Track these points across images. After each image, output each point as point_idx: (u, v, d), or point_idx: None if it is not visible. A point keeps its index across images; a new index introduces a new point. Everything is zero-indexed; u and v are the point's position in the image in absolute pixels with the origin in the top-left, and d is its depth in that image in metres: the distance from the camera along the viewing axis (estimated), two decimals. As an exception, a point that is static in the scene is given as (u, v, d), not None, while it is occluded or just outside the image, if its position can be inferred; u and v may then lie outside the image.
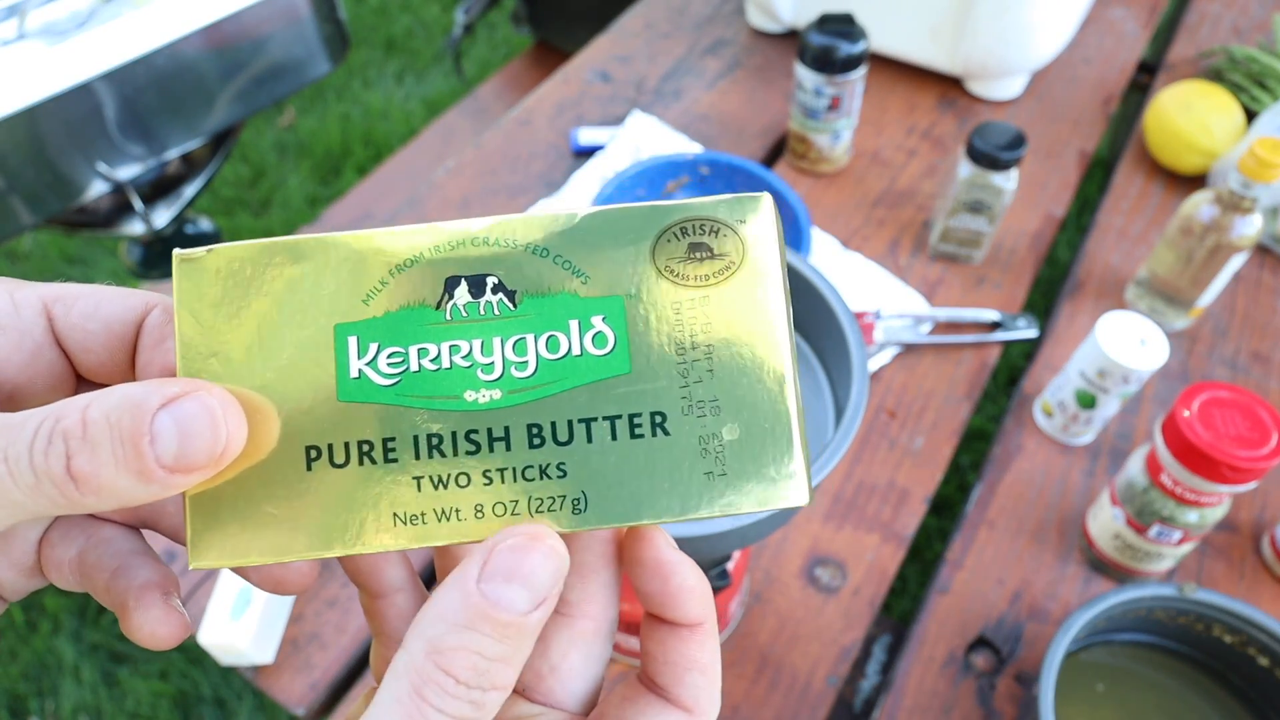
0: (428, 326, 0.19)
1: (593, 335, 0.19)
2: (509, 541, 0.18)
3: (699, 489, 0.19)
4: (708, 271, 0.19)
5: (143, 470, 0.16)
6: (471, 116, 1.41)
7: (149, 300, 0.21)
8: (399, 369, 0.19)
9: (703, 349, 0.19)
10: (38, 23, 0.99)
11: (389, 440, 0.19)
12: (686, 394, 0.19)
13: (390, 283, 0.19)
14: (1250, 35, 1.03)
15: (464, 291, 0.19)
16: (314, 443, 0.19)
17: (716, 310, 0.19)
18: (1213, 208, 0.68)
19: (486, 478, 0.19)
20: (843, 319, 0.43)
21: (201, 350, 0.19)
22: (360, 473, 0.19)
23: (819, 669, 0.59)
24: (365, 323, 0.19)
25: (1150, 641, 0.58)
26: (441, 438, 0.19)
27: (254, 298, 0.19)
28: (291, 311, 0.19)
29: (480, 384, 0.19)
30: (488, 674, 0.17)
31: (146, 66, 1.01)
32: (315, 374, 0.19)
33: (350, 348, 0.19)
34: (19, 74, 0.94)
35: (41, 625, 1.28)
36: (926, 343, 0.75)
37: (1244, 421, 0.53)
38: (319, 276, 0.19)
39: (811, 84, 0.80)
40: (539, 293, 0.19)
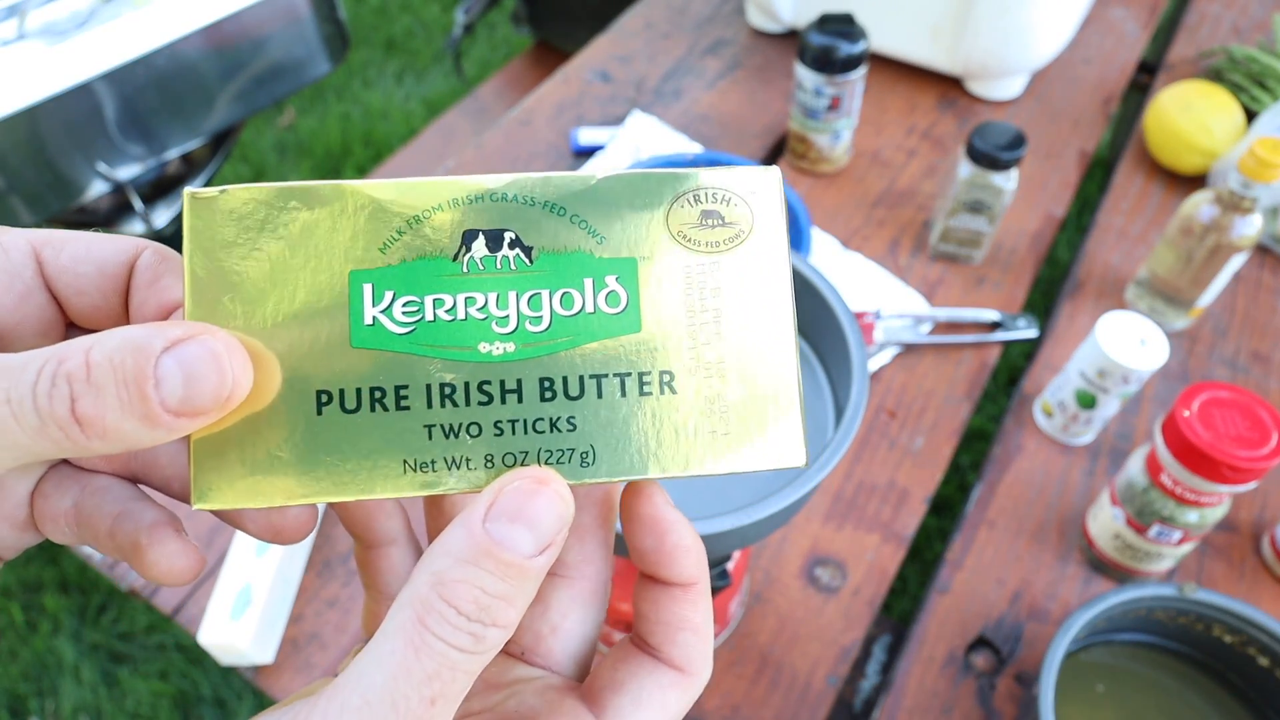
0: (444, 278, 0.19)
1: (606, 294, 0.19)
2: (515, 484, 0.18)
3: (703, 447, 0.19)
4: (719, 238, 0.20)
5: (147, 414, 0.16)
6: (471, 116, 1.41)
7: (139, 243, 0.21)
8: (414, 318, 0.19)
9: (711, 312, 0.20)
10: (38, 23, 0.99)
11: (401, 388, 0.19)
12: (694, 354, 0.19)
13: (408, 233, 0.19)
14: (1250, 35, 1.03)
15: (481, 245, 0.19)
16: (325, 387, 0.19)
17: (725, 276, 0.20)
18: (1213, 208, 0.68)
19: (498, 428, 0.19)
20: (843, 319, 0.43)
21: (212, 290, 0.19)
22: (372, 419, 0.19)
23: (819, 669, 0.59)
24: (381, 270, 0.19)
25: (1150, 641, 0.58)
26: (454, 387, 0.19)
27: (267, 240, 0.19)
28: (306, 256, 0.19)
29: (495, 336, 0.19)
30: (489, 609, 0.17)
31: (146, 66, 1.01)
32: (329, 319, 0.19)
33: (365, 295, 0.19)
34: (19, 74, 0.94)
35: (41, 625, 1.28)
36: (926, 343, 0.75)
37: (1244, 421, 0.53)
38: (335, 223, 0.19)
39: (811, 84, 0.80)
40: (555, 250, 0.19)
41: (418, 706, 0.17)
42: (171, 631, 1.27)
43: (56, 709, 1.21)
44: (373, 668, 0.17)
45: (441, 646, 0.17)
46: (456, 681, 0.17)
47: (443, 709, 0.17)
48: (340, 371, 0.19)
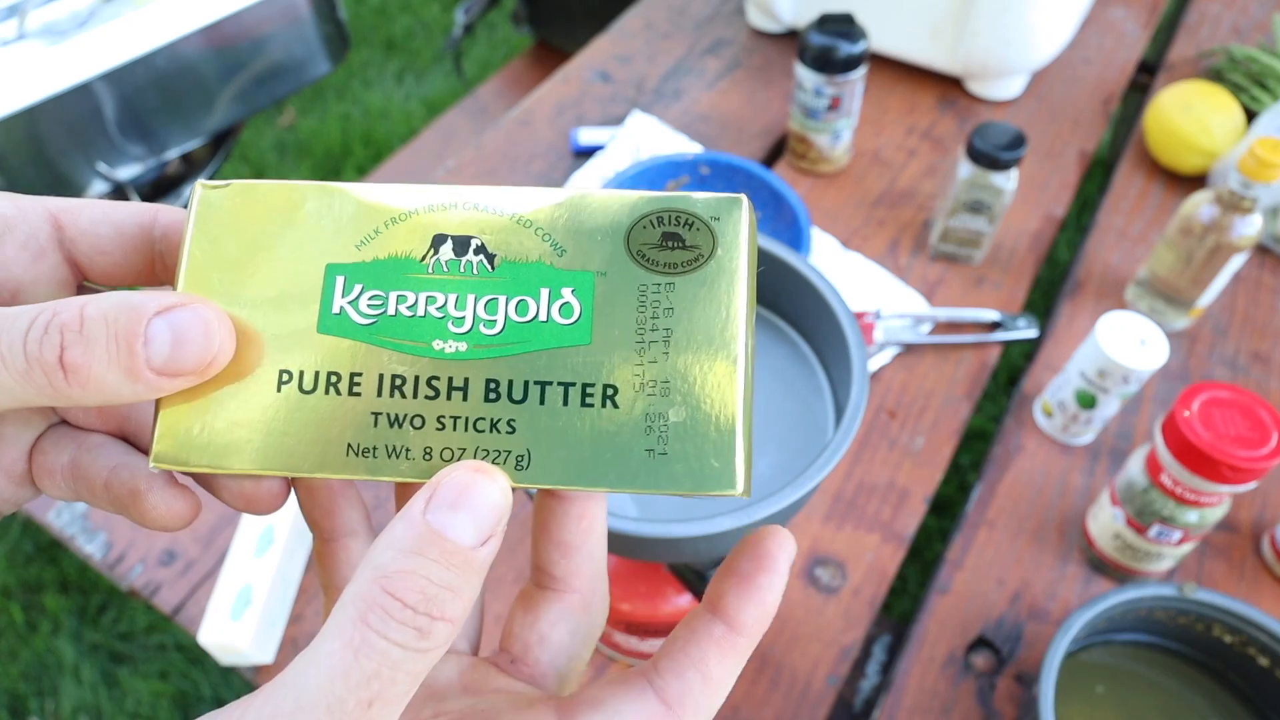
0: (410, 276, 0.20)
1: (560, 305, 0.20)
2: (454, 474, 0.18)
3: (638, 464, 0.19)
4: (677, 260, 0.20)
5: (132, 369, 0.18)
6: (471, 116, 1.41)
7: (154, 207, 0.22)
8: (377, 311, 0.20)
9: (662, 331, 0.20)
10: (38, 23, 0.99)
11: (356, 375, 0.20)
12: (640, 372, 0.20)
13: (384, 233, 0.21)
14: (1250, 35, 1.03)
15: (448, 249, 0.20)
16: (287, 367, 0.20)
17: (680, 297, 0.20)
18: (1213, 208, 0.68)
19: (440, 423, 0.20)
20: (843, 319, 0.43)
21: (206, 270, 0.21)
22: (325, 401, 0.20)
23: (819, 669, 0.59)
24: (355, 265, 0.20)
25: (1150, 641, 0.58)
26: (405, 379, 0.20)
27: (261, 231, 0.21)
28: (293, 247, 0.21)
29: (449, 335, 0.20)
30: (435, 600, 0.17)
31: (146, 66, 1.01)
32: (301, 305, 0.20)
33: (337, 286, 0.20)
34: (19, 74, 0.94)
35: (41, 625, 1.28)
36: (926, 343, 0.75)
37: (1244, 421, 0.53)
38: (321, 219, 0.21)
39: (811, 84, 0.80)
40: (517, 259, 0.20)
41: (354, 710, 0.16)
42: (171, 631, 1.27)
43: (56, 709, 1.21)
44: (310, 669, 0.16)
45: (383, 645, 0.16)
46: (397, 683, 0.16)
47: (381, 711, 0.16)
48: (303, 354, 0.20)
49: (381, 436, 0.20)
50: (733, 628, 0.20)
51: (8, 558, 1.35)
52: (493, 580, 0.62)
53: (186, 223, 0.21)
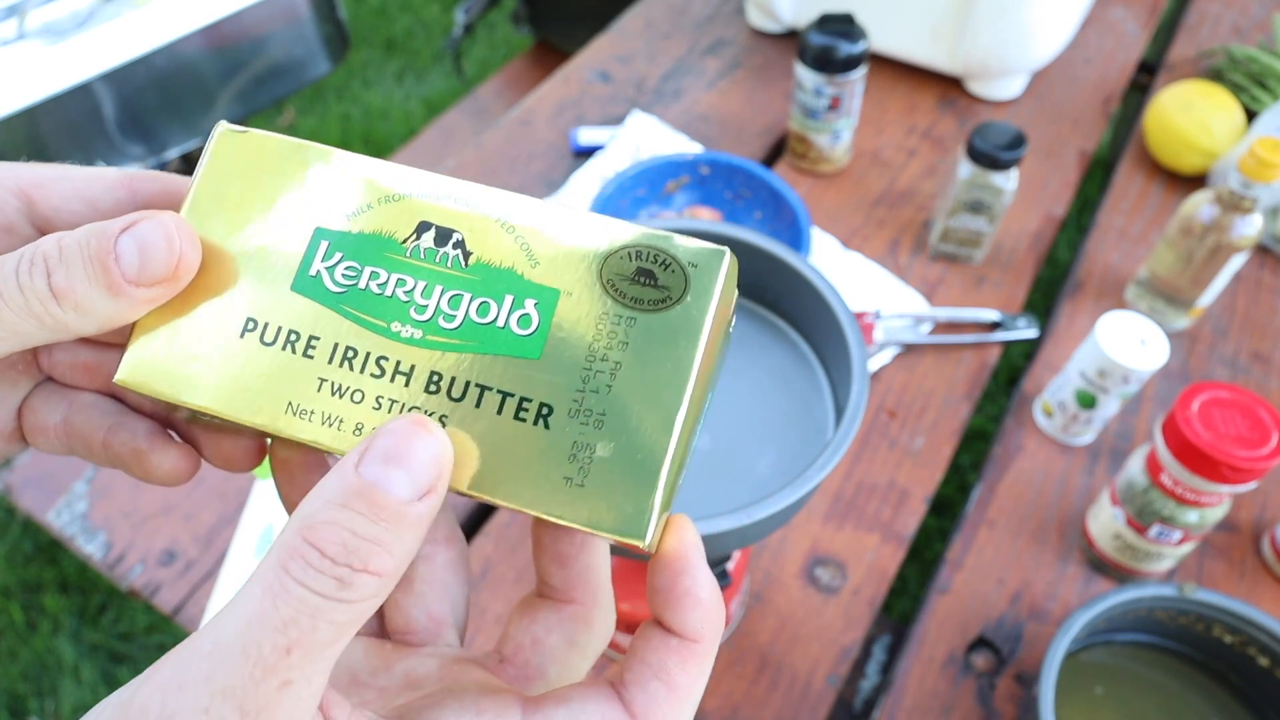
0: (389, 256, 0.21)
1: (520, 315, 0.20)
2: (389, 428, 0.18)
3: (553, 490, 0.19)
4: (645, 297, 0.20)
5: (111, 283, 0.19)
6: (471, 116, 1.41)
7: (129, 178, 0.22)
8: (350, 281, 0.21)
9: (611, 364, 0.20)
10: (38, 23, 0.99)
11: (314, 338, 0.21)
12: (579, 399, 0.20)
13: (375, 209, 0.21)
14: (1250, 35, 1.03)
15: (430, 238, 0.21)
16: (254, 316, 0.21)
17: (639, 334, 0.20)
18: (1213, 208, 0.68)
19: (378, 402, 0.20)
20: (843, 319, 0.43)
21: (207, 208, 0.22)
22: (280, 357, 0.21)
23: (819, 669, 0.59)
24: (340, 234, 0.21)
25: (1150, 641, 0.58)
26: (356, 352, 0.20)
27: (267, 181, 0.22)
28: (290, 203, 0.22)
29: (409, 319, 0.20)
30: (357, 552, 0.16)
31: (146, 66, 1.01)
32: (283, 260, 0.21)
33: (319, 249, 0.21)
34: (19, 74, 0.94)
35: (41, 625, 1.28)
36: (926, 343, 0.75)
37: (1244, 421, 0.53)
38: (322, 182, 0.22)
39: (811, 84, 0.80)
40: (491, 261, 0.21)
41: (270, 655, 0.15)
42: (171, 631, 1.27)
43: (56, 709, 1.21)
44: (230, 614, 0.16)
45: (301, 591, 0.16)
46: (318, 630, 0.16)
47: (301, 660, 0.16)
48: (271, 307, 0.21)
49: (321, 402, 0.20)
50: (685, 636, 0.20)
51: (8, 558, 1.35)
52: (493, 580, 0.62)
53: (202, 158, 0.22)
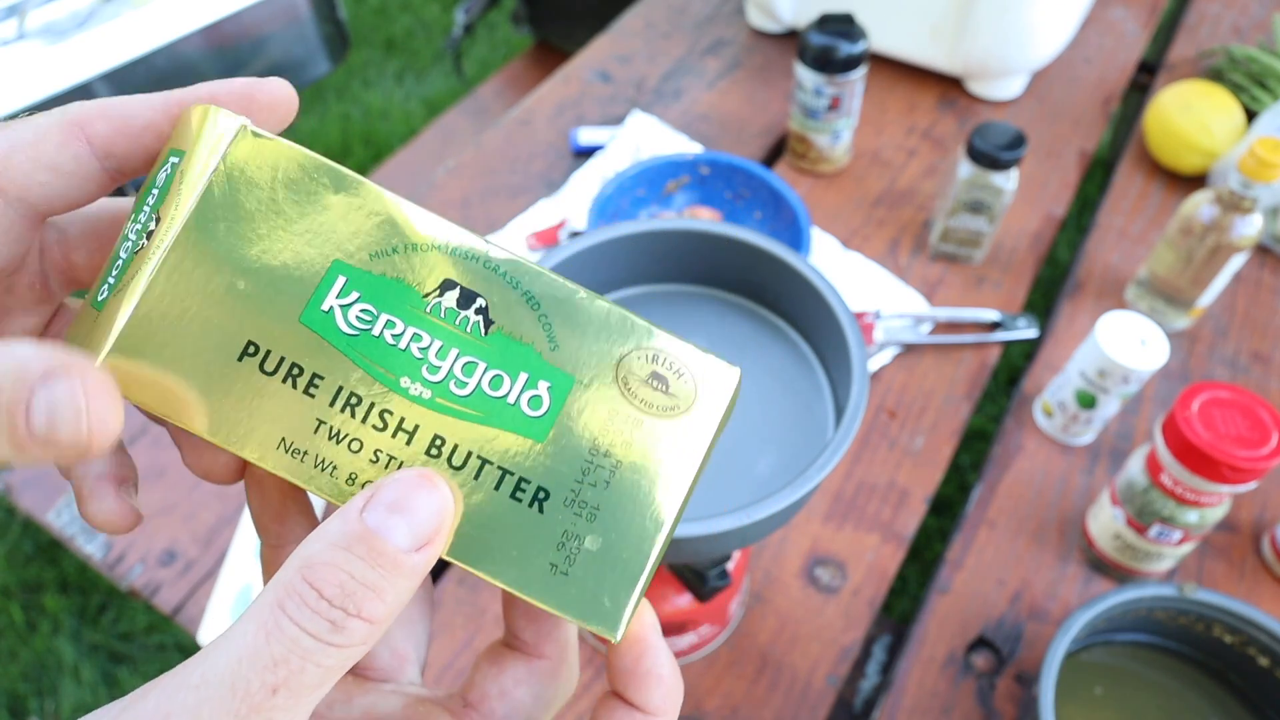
0: (407, 307, 0.20)
1: (532, 395, 0.20)
2: (397, 478, 0.18)
3: (536, 573, 0.20)
4: (655, 402, 0.21)
5: (14, 440, 0.17)
6: (471, 116, 1.41)
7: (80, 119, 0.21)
8: (364, 325, 0.20)
9: (612, 461, 0.20)
10: (38, 23, 0.99)
11: (318, 376, 0.20)
12: (577, 489, 0.20)
13: (400, 254, 0.20)
14: (1250, 35, 1.03)
15: (453, 297, 0.20)
16: (256, 340, 0.20)
17: (642, 437, 0.20)
18: (1213, 208, 0.68)
19: (376, 455, 0.20)
20: (843, 319, 0.43)
21: (215, 212, 0.20)
22: (279, 388, 0.20)
23: (819, 669, 0.59)
24: (361, 272, 0.20)
25: (1150, 641, 0.58)
26: (360, 400, 0.20)
27: (285, 197, 0.20)
28: (307, 226, 0.20)
29: (420, 378, 0.20)
30: (354, 596, 0.16)
31: (146, 66, 1.01)
32: (294, 288, 0.20)
33: (335, 284, 0.20)
34: (19, 74, 0.94)
35: (41, 625, 1.28)
36: (926, 343, 0.75)
37: (1244, 421, 0.53)
38: (346, 213, 0.20)
39: (811, 84, 0.80)
40: (512, 334, 0.20)
41: (258, 692, 0.16)
42: (171, 631, 1.27)
43: (56, 709, 1.21)
44: (222, 648, 0.16)
45: (294, 631, 0.16)
46: (306, 673, 0.16)
47: (286, 700, 0.16)
48: (276, 336, 0.20)
49: (317, 445, 0.20)
50: (649, 712, 0.21)
51: (8, 558, 1.35)
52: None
53: (208, 152, 0.20)
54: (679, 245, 0.48)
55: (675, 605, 0.53)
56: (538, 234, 0.82)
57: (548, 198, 0.87)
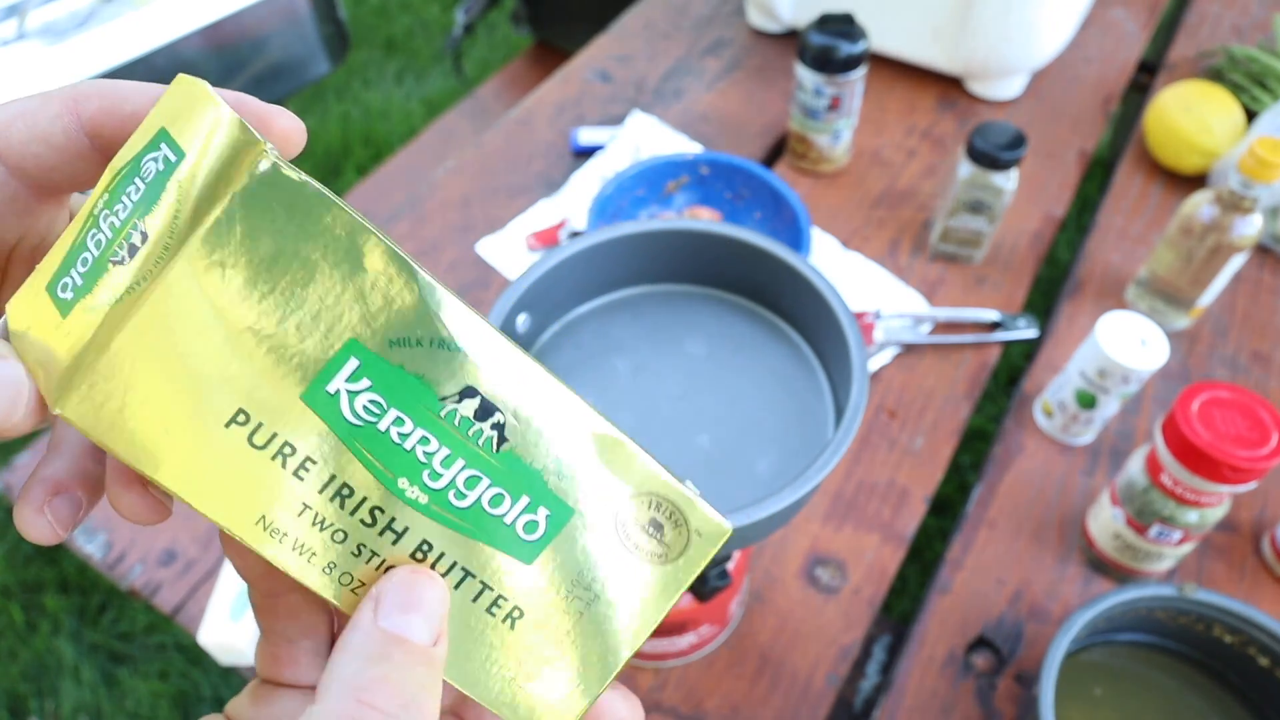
0: (421, 407, 0.18)
1: (529, 519, 0.20)
2: (396, 578, 0.18)
3: (495, 684, 0.20)
4: (646, 546, 0.21)
5: None
6: (471, 116, 1.41)
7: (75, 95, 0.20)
8: (371, 418, 0.18)
9: (594, 592, 0.21)
10: (38, 23, 0.99)
11: (310, 460, 0.18)
12: (552, 614, 0.21)
13: (425, 347, 0.18)
14: (1250, 35, 1.03)
15: (471, 407, 0.19)
16: (249, 409, 0.17)
17: (626, 577, 0.21)
18: (1213, 208, 0.68)
19: (359, 549, 0.19)
20: (843, 319, 0.43)
21: (224, 249, 0.16)
22: (267, 465, 0.18)
23: (819, 669, 0.59)
24: (376, 358, 0.18)
25: (1150, 642, 0.58)
26: (353, 492, 0.18)
27: (310, 253, 0.17)
28: (330, 291, 0.17)
29: (419, 482, 0.19)
30: (415, 702, 0.17)
31: (146, 66, 1.01)
32: (300, 359, 0.17)
33: (346, 365, 0.18)
34: (19, 74, 0.94)
35: (41, 625, 1.28)
36: (926, 343, 0.75)
37: (1244, 421, 0.53)
38: (373, 286, 0.18)
39: (811, 84, 0.80)
40: (523, 457, 0.20)
41: None
42: (171, 631, 1.27)
43: (56, 709, 1.21)
44: None
45: None
46: None
47: None
48: (271, 408, 0.18)
49: (299, 528, 0.18)
50: None
51: (8, 558, 1.35)
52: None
53: (226, 172, 0.16)
54: (679, 245, 0.48)
55: (675, 605, 0.53)
56: (538, 234, 0.82)
57: (548, 198, 0.87)
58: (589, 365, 0.47)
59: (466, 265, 0.82)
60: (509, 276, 0.81)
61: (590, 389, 0.46)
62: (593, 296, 0.50)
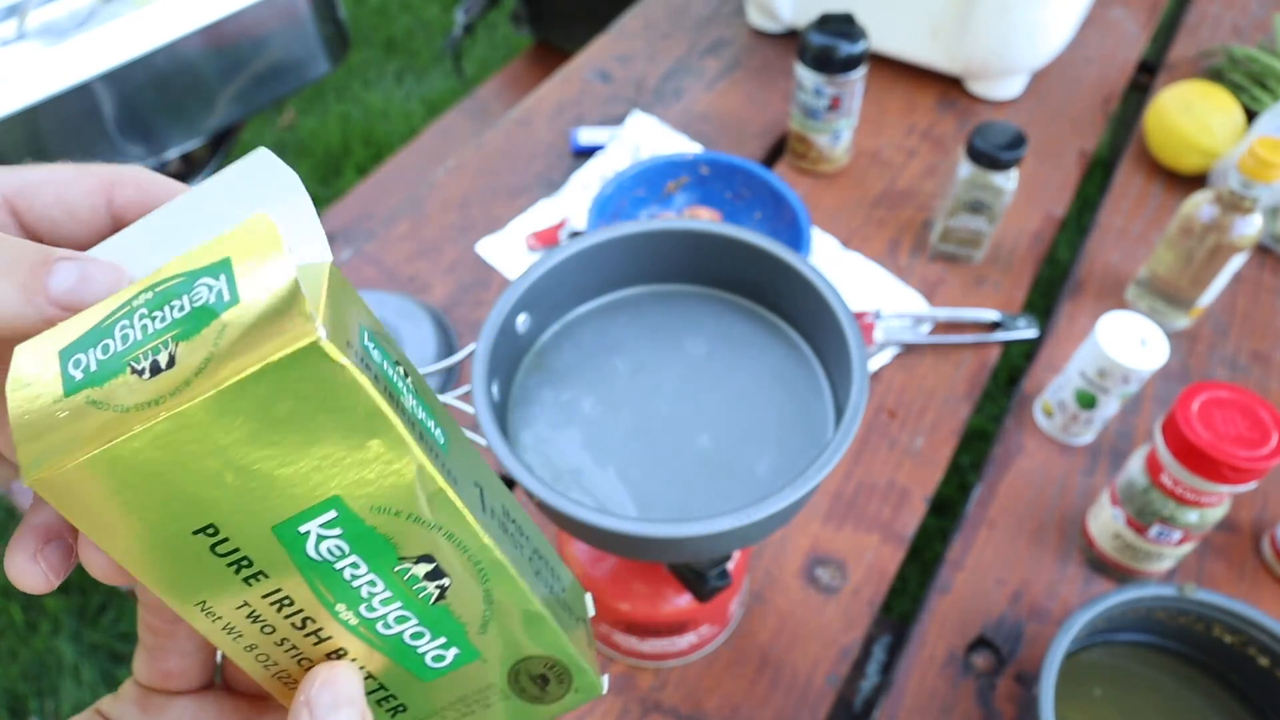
0: (379, 559, 0.20)
1: (438, 654, 0.22)
2: (320, 676, 0.21)
3: None
4: (529, 691, 0.24)
5: (27, 286, 0.19)
6: (471, 116, 1.41)
7: (109, 180, 0.22)
8: (330, 559, 0.20)
9: (473, 713, 0.24)
10: (38, 23, 0.99)
11: (264, 574, 0.19)
12: None
13: (403, 520, 0.20)
14: (1250, 35, 1.03)
15: (424, 570, 0.21)
16: (219, 525, 0.18)
17: (505, 708, 0.24)
18: (1213, 208, 0.68)
19: (283, 642, 0.21)
20: (843, 319, 0.43)
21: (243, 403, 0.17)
22: (221, 569, 0.19)
23: (819, 669, 0.59)
24: (354, 517, 0.19)
25: (1150, 642, 0.58)
26: (292, 603, 0.20)
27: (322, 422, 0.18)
28: (328, 454, 0.18)
29: (355, 610, 0.21)
30: None
31: (146, 66, 1.01)
32: (280, 500, 0.18)
33: (324, 515, 0.19)
34: (19, 74, 0.94)
35: (41, 625, 1.28)
36: (926, 343, 0.75)
37: (1244, 421, 0.53)
38: (375, 462, 0.18)
39: (811, 84, 0.80)
40: (455, 613, 0.22)
41: None
42: (171, 631, 1.27)
43: (56, 709, 1.21)
44: None
45: None
46: None
47: None
48: (240, 529, 0.19)
49: (233, 616, 0.20)
50: None
51: (8, 558, 1.35)
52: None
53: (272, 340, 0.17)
54: (679, 245, 0.48)
55: (675, 605, 0.53)
56: (538, 234, 0.82)
57: (548, 198, 0.87)
58: (589, 365, 0.47)
59: (466, 265, 0.82)
60: (509, 276, 0.81)
61: (590, 389, 0.46)
62: (593, 296, 0.50)
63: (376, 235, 0.85)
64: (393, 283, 0.81)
